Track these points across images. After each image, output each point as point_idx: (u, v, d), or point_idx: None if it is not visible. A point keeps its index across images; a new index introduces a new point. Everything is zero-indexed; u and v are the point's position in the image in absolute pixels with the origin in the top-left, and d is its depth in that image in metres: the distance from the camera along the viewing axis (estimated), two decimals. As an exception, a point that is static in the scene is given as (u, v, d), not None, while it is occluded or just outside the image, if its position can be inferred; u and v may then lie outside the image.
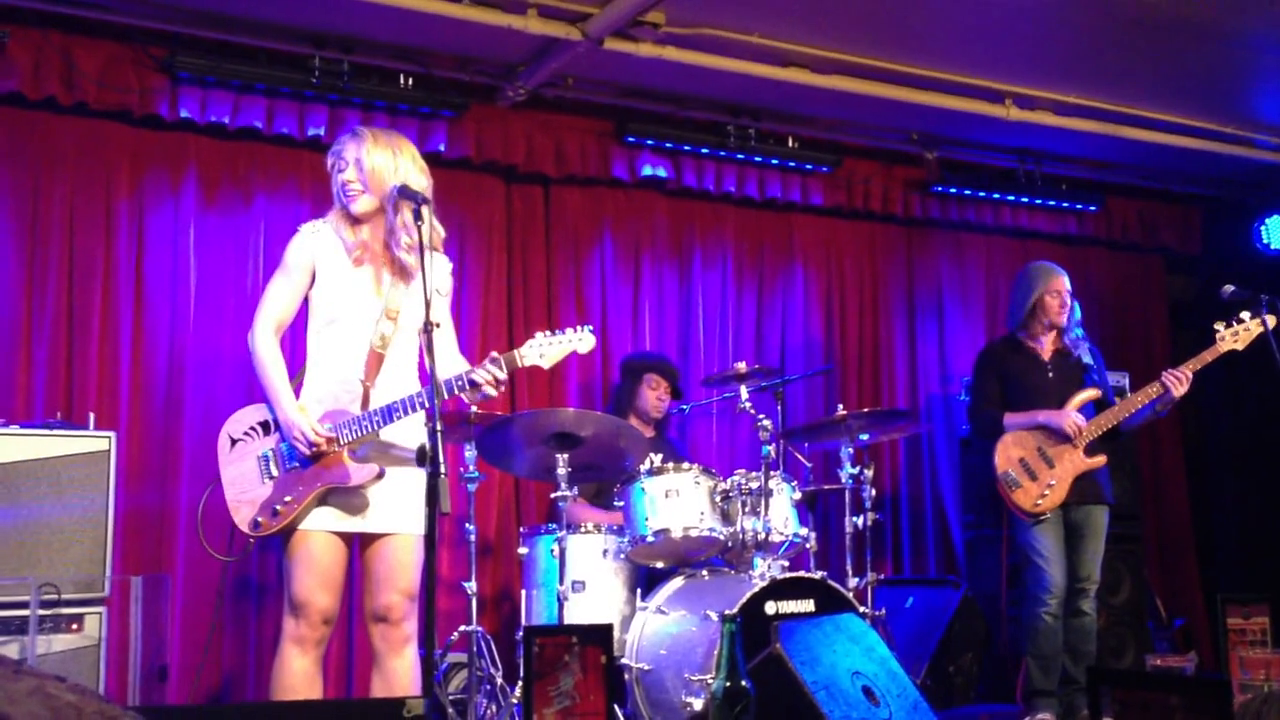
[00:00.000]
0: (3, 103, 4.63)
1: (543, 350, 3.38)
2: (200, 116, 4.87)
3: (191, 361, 4.89)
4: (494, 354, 3.32)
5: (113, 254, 4.81)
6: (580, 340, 3.41)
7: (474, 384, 3.28)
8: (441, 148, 5.28)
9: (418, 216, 3.13)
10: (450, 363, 3.47)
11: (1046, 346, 4.98)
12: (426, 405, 3.25)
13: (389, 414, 3.30)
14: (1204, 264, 7.24)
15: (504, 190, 5.64)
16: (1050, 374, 4.94)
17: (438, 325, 3.11)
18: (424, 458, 2.80)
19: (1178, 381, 4.67)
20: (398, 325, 3.41)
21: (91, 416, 4.27)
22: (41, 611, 3.74)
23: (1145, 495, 6.37)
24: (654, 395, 5.17)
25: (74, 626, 3.84)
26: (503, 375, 3.29)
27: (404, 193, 3.26)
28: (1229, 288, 4.71)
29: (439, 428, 2.83)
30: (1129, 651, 5.78)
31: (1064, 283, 4.98)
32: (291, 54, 4.93)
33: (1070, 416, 4.77)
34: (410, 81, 5.13)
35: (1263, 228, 6.86)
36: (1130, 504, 5.96)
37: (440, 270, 3.45)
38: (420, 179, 3.40)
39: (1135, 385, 5.02)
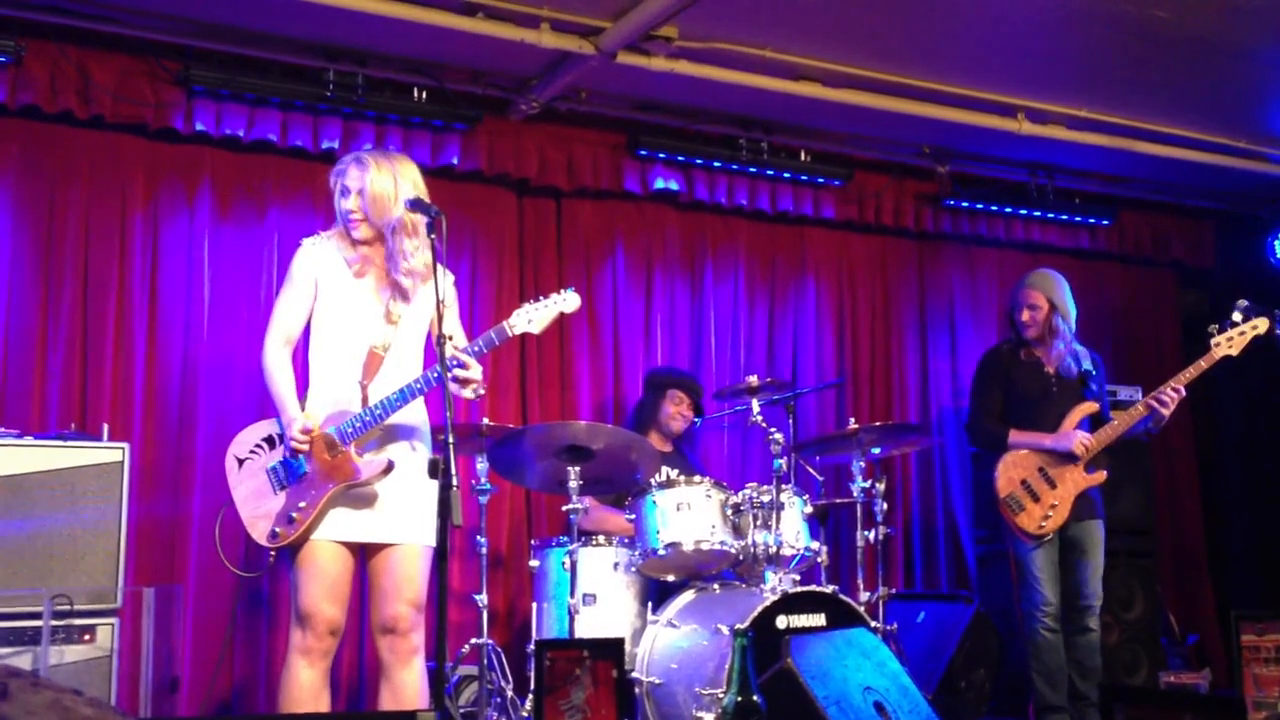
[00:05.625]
0: (19, 116, 4.66)
1: (530, 316, 3.40)
2: (215, 129, 4.90)
3: (205, 373, 4.90)
4: (468, 345, 3.33)
5: (127, 266, 4.83)
6: (565, 301, 3.44)
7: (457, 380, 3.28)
8: (454, 161, 5.30)
9: (431, 229, 3.15)
10: None
11: (1051, 357, 4.90)
12: (424, 389, 3.32)
13: (389, 406, 3.32)
14: (1217, 278, 7.21)
15: (516, 203, 5.65)
16: (1054, 387, 4.88)
17: (450, 338, 3.12)
18: (436, 470, 2.80)
19: (1162, 404, 4.63)
20: (398, 329, 3.45)
21: (105, 428, 4.28)
22: (54, 622, 3.74)
23: (1159, 510, 6.33)
24: (675, 410, 5.17)
25: (86, 637, 3.85)
26: (474, 374, 3.29)
27: (416, 205, 3.28)
28: (1243, 302, 4.69)
29: (451, 440, 2.83)
30: (1142, 668, 5.74)
31: (1034, 296, 4.89)
32: (305, 67, 4.96)
33: (1077, 438, 4.72)
34: (423, 95, 5.15)
35: (1276, 242, 6.83)
36: (1143, 519, 5.92)
37: (443, 283, 3.47)
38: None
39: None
